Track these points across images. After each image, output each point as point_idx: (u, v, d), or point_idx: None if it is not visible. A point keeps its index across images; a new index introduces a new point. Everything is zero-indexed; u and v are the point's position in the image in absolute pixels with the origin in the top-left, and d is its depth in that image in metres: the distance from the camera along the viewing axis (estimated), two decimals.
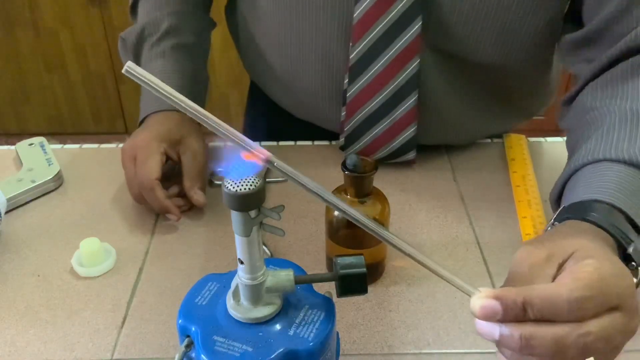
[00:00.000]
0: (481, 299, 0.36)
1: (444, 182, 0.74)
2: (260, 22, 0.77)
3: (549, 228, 0.49)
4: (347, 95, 0.71)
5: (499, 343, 0.37)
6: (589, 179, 0.50)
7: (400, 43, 0.66)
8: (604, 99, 0.57)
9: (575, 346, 0.36)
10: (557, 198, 0.55)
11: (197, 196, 0.67)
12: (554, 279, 0.39)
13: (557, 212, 0.50)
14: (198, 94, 0.77)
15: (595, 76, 0.60)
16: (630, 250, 0.44)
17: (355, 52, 0.67)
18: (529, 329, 0.36)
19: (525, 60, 0.69)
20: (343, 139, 0.75)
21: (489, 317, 0.36)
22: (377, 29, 0.65)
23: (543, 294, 0.36)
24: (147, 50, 0.76)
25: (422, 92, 0.70)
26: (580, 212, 0.46)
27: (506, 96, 0.76)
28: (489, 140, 0.83)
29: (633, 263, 0.44)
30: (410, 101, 0.69)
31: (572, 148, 0.59)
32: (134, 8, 0.82)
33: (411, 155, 0.74)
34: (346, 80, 0.70)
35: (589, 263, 0.38)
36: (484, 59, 0.68)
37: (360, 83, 0.69)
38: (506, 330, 0.36)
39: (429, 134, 0.75)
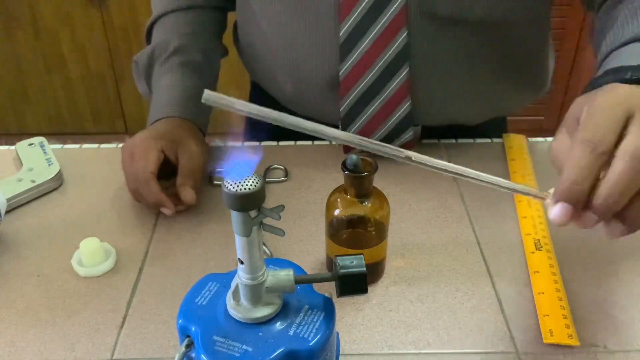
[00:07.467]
0: (550, 206, 0.40)
1: (444, 182, 0.74)
2: (254, 9, 0.77)
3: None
4: (340, 74, 0.71)
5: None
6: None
7: (388, 15, 0.66)
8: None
9: None
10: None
11: (186, 192, 0.66)
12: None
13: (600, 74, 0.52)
14: (202, 109, 0.77)
15: None
16: None
17: (343, 30, 0.68)
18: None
19: (522, 14, 0.68)
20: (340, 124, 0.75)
21: (565, 220, 0.39)
22: (364, 4, 0.65)
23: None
24: (157, 68, 0.78)
25: (414, 66, 0.70)
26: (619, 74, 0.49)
27: (503, 59, 0.75)
28: (489, 140, 0.83)
29: None
30: (402, 75, 0.69)
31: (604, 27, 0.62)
32: (148, 37, 0.84)
33: (409, 135, 0.74)
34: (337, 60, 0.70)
35: None
36: (478, 14, 0.67)
37: (350, 61, 0.70)
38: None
39: (428, 112, 0.75)
